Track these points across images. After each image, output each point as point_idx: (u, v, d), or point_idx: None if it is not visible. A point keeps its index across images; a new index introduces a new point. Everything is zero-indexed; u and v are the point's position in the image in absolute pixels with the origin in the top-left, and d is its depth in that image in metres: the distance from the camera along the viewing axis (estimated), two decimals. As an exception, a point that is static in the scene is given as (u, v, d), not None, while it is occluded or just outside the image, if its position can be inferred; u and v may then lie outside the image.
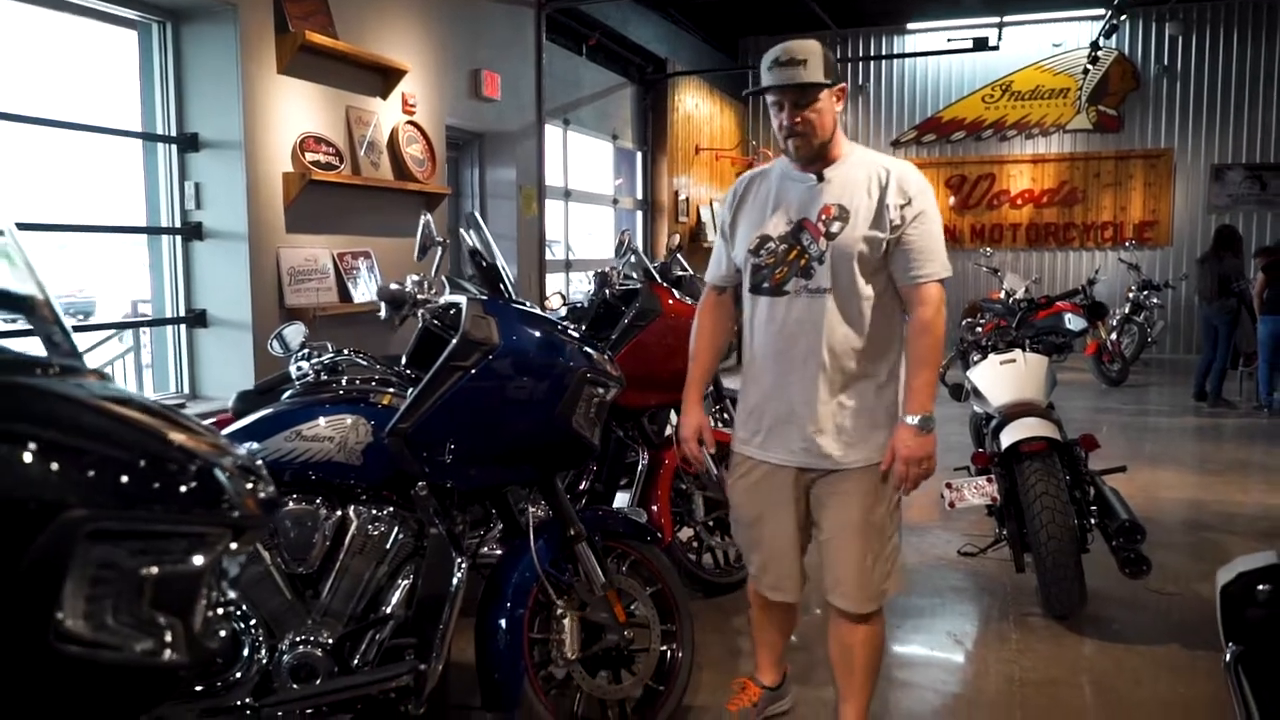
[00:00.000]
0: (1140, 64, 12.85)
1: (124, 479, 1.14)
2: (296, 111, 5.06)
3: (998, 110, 13.43)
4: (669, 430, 4.13)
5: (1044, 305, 6.53)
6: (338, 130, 5.39)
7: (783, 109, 2.52)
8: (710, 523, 4.08)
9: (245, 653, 2.42)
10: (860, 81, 13.84)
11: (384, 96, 5.77)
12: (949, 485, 3.92)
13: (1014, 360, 4.48)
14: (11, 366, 1.21)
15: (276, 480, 2.51)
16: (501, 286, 2.63)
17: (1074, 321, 10.28)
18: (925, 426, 2.50)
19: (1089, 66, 12.50)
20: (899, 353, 2.63)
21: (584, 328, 4.04)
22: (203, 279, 4.83)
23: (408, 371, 2.71)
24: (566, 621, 2.64)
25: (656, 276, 4.05)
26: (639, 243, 10.81)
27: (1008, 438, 3.85)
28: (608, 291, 3.93)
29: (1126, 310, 10.91)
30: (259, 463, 1.46)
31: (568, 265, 8.96)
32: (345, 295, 5.35)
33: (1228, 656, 2.24)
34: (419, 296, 2.50)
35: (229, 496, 1.26)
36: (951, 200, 13.62)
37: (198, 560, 1.22)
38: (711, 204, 12.20)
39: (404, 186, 5.83)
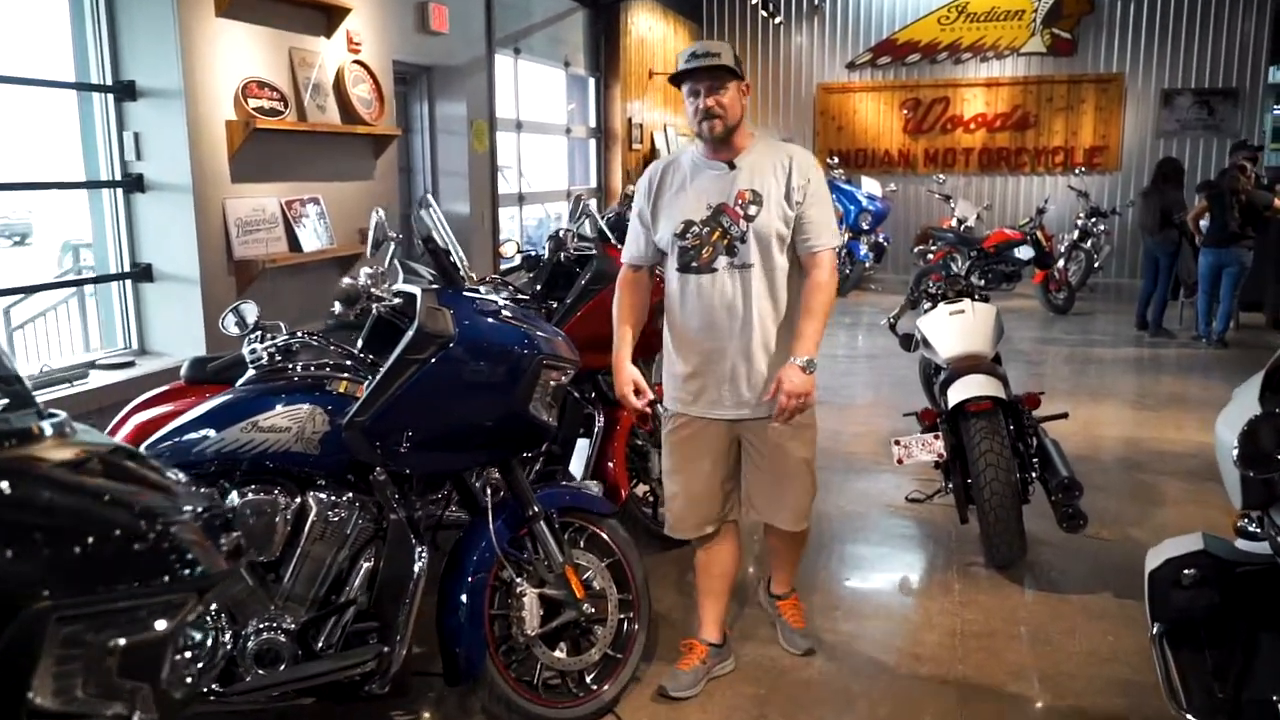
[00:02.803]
0: (1095, -14, 12.81)
1: (88, 561, 1.15)
2: (238, 55, 4.90)
3: (953, 32, 13.33)
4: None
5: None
6: (281, 73, 5.23)
7: (699, 95, 2.81)
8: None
9: (209, 641, 2.46)
10: (816, 2, 13.62)
11: (328, 36, 5.61)
12: (898, 442, 4.02)
13: (963, 311, 4.55)
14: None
15: (233, 469, 2.55)
16: (456, 273, 2.62)
17: (1023, 250, 10.42)
18: (809, 368, 2.84)
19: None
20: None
21: (539, 288, 4.05)
22: (146, 233, 4.73)
23: (363, 355, 2.70)
24: (526, 599, 2.72)
25: (611, 238, 4.04)
26: (592, 172, 10.70)
27: (955, 396, 3.94)
28: (562, 255, 3.91)
29: (1074, 237, 11.06)
30: (227, 506, 1.48)
31: (521, 199, 8.86)
32: (295, 244, 5.26)
33: (1154, 631, 2.38)
34: (373, 291, 2.49)
35: (193, 557, 1.28)
36: (906, 124, 13.60)
37: (162, 625, 1.24)
38: (665, 129, 12.07)
39: (352, 130, 5.71)
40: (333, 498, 2.56)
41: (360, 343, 2.75)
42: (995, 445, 3.77)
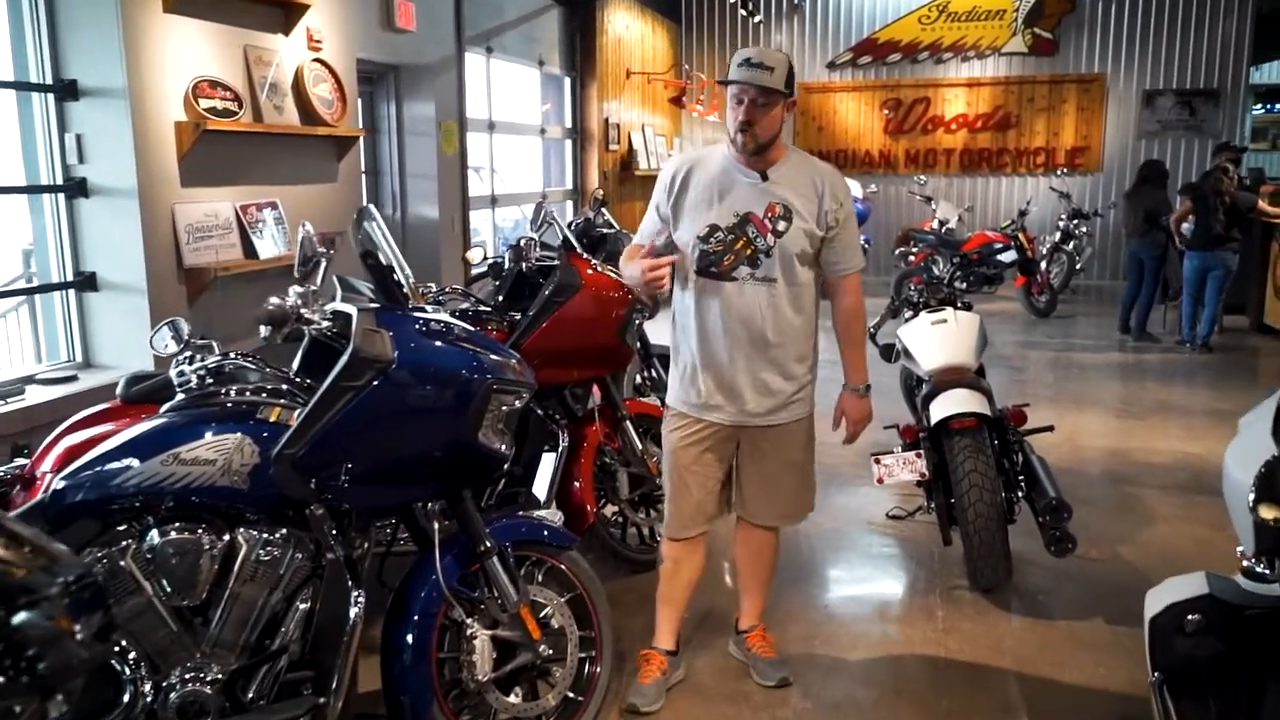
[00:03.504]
0: (1076, -15, 12.70)
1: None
2: (188, 53, 4.66)
3: (934, 32, 13.20)
4: (592, 403, 3.98)
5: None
6: (236, 73, 5.00)
7: (741, 104, 2.78)
8: (635, 498, 3.96)
9: (127, 694, 2.25)
10: (795, 1, 13.45)
11: (286, 33, 5.37)
12: (877, 460, 3.84)
13: (945, 320, 4.38)
14: None
15: (156, 505, 2.34)
16: (399, 291, 2.40)
17: (1007, 255, 10.28)
18: (866, 393, 3.07)
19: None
20: (818, 329, 3.04)
21: (501, 299, 3.85)
22: (91, 239, 4.48)
23: (298, 379, 2.49)
24: (477, 642, 2.52)
25: (575, 245, 3.84)
26: (568, 173, 10.49)
27: (937, 412, 3.77)
28: (524, 265, 3.71)
29: (1056, 239, 10.94)
30: (98, 575, 1.28)
31: (493, 201, 8.64)
32: (250, 251, 5.03)
33: (1154, 678, 2.20)
34: (303, 313, 2.27)
35: (36, 653, 1.07)
36: (887, 124, 13.46)
37: (-2, 736, 1.04)
38: (644, 129, 11.87)
39: (312, 131, 5.48)
40: (265, 535, 2.35)
41: (296, 365, 2.53)
42: (980, 465, 3.59)
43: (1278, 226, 8.78)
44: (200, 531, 2.30)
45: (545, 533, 2.75)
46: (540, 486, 3.72)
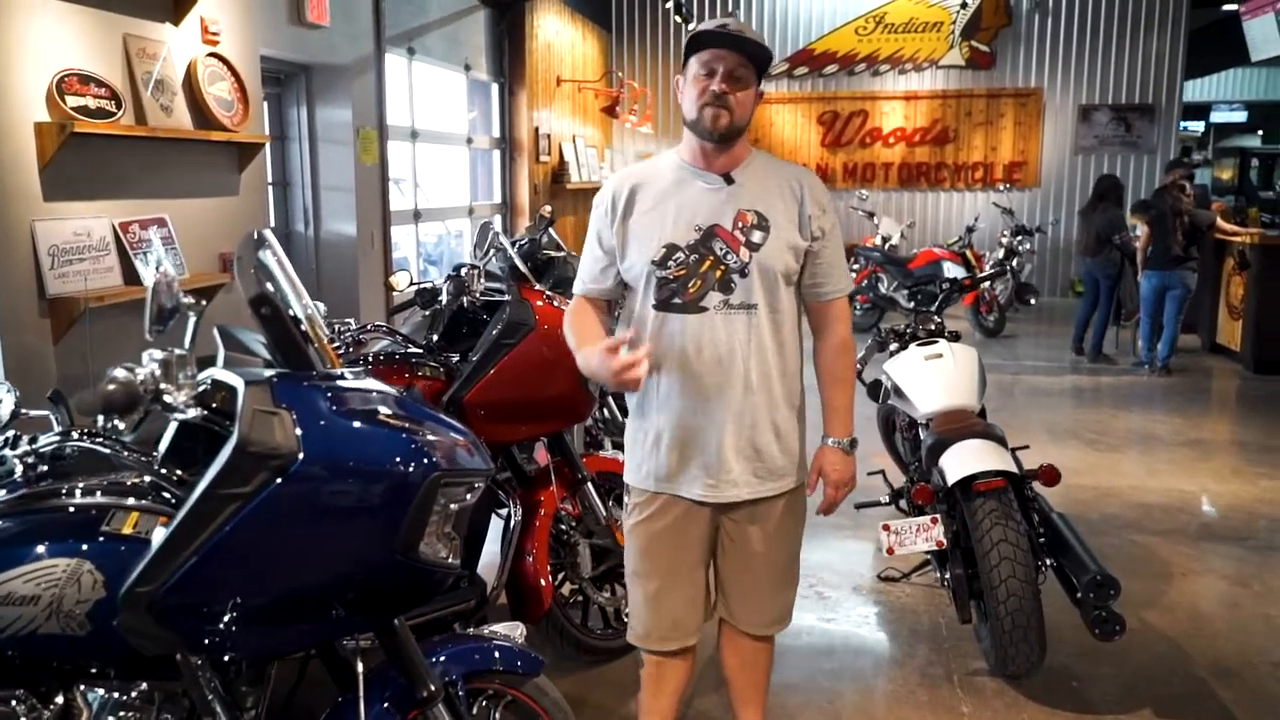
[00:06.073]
0: (1013, -1, 12.51)
1: None
2: (50, 42, 3.89)
3: (871, 43, 12.88)
4: (545, 460, 3.34)
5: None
6: (113, 66, 4.23)
7: (714, 74, 2.23)
8: (598, 574, 3.33)
9: None
10: (730, 8, 13.01)
11: (175, 22, 4.62)
12: (886, 527, 3.28)
13: (940, 355, 3.87)
14: None
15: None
16: (306, 349, 1.72)
17: (953, 269, 9.93)
18: (851, 449, 2.45)
19: (966, 0, 12.08)
20: (803, 371, 2.45)
21: (435, 339, 3.19)
22: (-73, 264, 3.69)
23: (165, 471, 1.80)
24: (418, 823, 1.86)
25: (528, 275, 3.21)
26: (497, 186, 9.82)
27: (955, 469, 3.22)
28: (465, 299, 3.06)
29: (1000, 255, 10.64)
30: None
31: (417, 216, 7.92)
32: (132, 276, 4.27)
33: None
34: (164, 394, 1.59)
35: None
36: (824, 137, 13.09)
37: None
38: (575, 140, 11.26)
39: (208, 136, 4.73)
40: (115, 695, 1.67)
41: (162, 450, 1.83)
42: (1010, 534, 3.05)
43: (1230, 245, 8.57)
44: (16, 699, 1.61)
45: (504, 658, 2.09)
46: (488, 567, 3.08)
